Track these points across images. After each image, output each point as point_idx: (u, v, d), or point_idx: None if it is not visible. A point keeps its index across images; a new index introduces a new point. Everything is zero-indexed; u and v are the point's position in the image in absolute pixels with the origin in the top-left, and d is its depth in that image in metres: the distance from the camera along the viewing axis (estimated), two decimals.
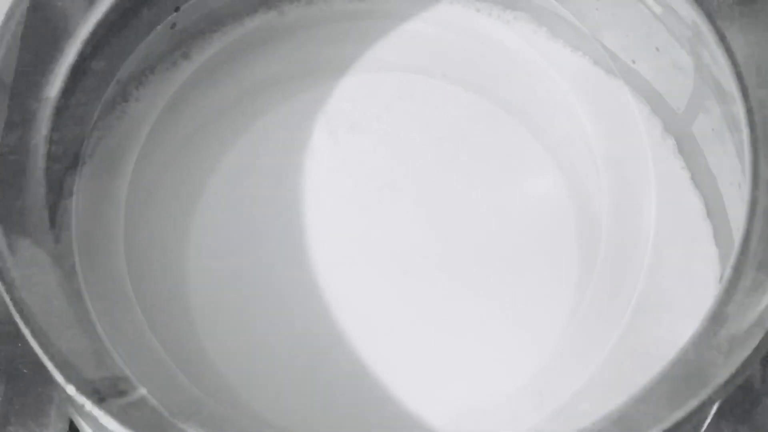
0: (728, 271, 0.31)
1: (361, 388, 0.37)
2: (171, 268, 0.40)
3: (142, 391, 0.28)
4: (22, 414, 0.40)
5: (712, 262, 0.40)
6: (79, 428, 0.34)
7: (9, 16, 0.32)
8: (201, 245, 0.40)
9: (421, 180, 0.42)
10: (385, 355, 0.38)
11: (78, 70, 0.35)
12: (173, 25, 0.42)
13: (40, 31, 0.33)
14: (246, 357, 0.38)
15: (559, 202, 0.42)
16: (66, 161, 0.39)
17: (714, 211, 0.41)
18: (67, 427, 0.40)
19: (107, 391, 0.27)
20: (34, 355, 0.40)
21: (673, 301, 0.40)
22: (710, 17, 0.36)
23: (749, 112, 0.35)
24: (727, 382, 0.29)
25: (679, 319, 0.39)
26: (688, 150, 0.42)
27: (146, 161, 0.41)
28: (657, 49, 0.42)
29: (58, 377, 0.27)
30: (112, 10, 0.36)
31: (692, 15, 0.38)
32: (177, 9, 0.42)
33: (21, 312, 0.27)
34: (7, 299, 0.28)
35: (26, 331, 0.27)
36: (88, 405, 0.27)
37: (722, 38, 0.36)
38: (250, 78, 0.44)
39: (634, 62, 0.43)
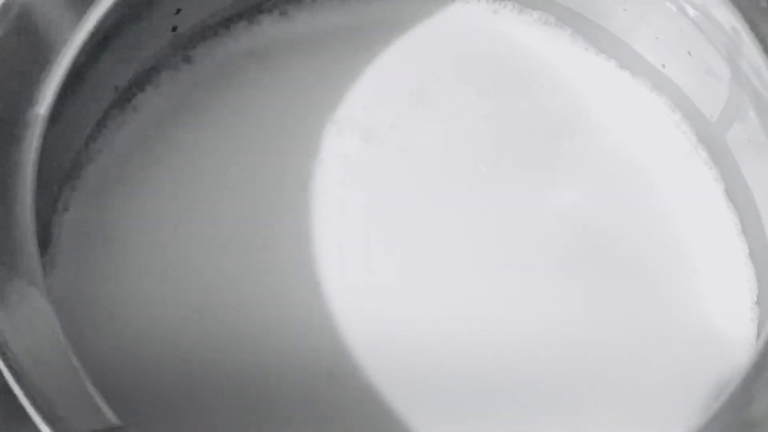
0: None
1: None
2: (178, 279, 0.37)
3: None
4: None
5: (747, 281, 0.38)
6: None
7: None
8: (209, 255, 0.38)
9: (438, 193, 0.40)
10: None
11: (72, 81, 0.33)
12: (174, 29, 0.40)
13: (28, 44, 0.31)
14: (263, 376, 0.36)
15: (581, 213, 0.40)
16: (60, 175, 0.37)
17: (749, 226, 0.39)
18: None
19: None
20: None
21: (706, 321, 0.38)
22: (752, 23, 0.34)
23: None
24: None
25: (713, 339, 0.37)
26: (721, 160, 0.40)
27: (147, 170, 0.39)
28: (689, 54, 0.40)
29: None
30: (107, 16, 0.33)
31: (731, 20, 0.35)
32: (178, 11, 0.39)
33: (10, 367, 0.25)
34: None
35: (16, 386, 0.25)
36: None
37: (766, 47, 0.34)
38: (254, 84, 0.41)
39: (663, 66, 0.41)
